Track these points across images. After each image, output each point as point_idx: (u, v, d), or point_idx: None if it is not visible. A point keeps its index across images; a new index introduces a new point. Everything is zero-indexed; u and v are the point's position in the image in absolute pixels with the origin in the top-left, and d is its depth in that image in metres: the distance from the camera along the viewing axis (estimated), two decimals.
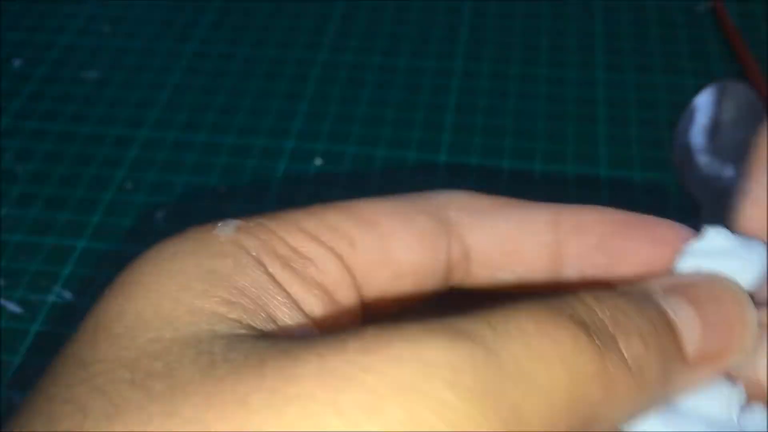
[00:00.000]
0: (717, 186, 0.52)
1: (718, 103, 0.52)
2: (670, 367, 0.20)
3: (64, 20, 0.71)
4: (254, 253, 0.21)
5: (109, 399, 0.17)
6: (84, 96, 0.63)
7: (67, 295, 0.49)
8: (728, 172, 0.52)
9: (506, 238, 0.24)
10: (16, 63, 0.66)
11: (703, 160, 0.52)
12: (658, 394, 0.21)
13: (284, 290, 0.21)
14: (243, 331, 0.19)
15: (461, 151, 0.57)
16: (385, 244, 0.23)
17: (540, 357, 0.18)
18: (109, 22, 0.70)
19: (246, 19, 0.70)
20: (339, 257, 0.22)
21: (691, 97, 0.53)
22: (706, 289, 0.22)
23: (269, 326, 0.20)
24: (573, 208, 0.25)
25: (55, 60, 0.67)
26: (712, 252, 0.23)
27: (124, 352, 0.18)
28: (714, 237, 0.23)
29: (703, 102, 0.53)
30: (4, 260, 0.51)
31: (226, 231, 0.22)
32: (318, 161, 0.57)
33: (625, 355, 0.19)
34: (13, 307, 0.48)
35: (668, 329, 0.21)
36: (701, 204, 0.50)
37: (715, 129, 0.52)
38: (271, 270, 0.21)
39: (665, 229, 0.24)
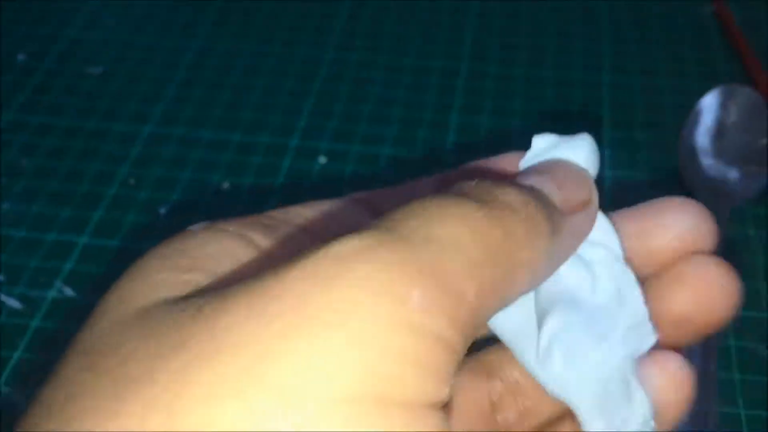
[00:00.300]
0: (721, 188, 0.51)
1: (723, 105, 0.52)
2: (549, 211, 0.23)
3: (69, 14, 0.70)
4: (226, 229, 0.24)
5: (68, 389, 0.19)
6: (88, 91, 0.63)
7: (68, 291, 0.49)
8: (732, 174, 0.52)
9: (401, 191, 0.30)
10: (21, 57, 0.66)
11: (707, 162, 0.52)
12: (553, 239, 0.23)
13: (257, 247, 0.23)
14: (191, 290, 0.21)
15: (467, 151, 0.57)
16: (326, 213, 0.27)
17: (434, 220, 0.20)
18: (114, 17, 0.70)
19: (253, 16, 0.70)
20: (299, 225, 0.25)
21: (695, 99, 0.53)
22: (543, 164, 0.26)
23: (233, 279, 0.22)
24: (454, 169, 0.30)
25: (60, 54, 0.67)
26: (542, 153, 0.27)
27: (83, 342, 0.20)
28: (541, 142, 0.27)
29: (708, 104, 0.52)
30: (6, 255, 0.51)
31: (200, 225, 0.24)
32: (322, 159, 0.57)
33: (506, 200, 0.22)
34: (13, 303, 0.48)
35: (531, 188, 0.24)
36: (705, 205, 0.50)
37: (719, 131, 0.52)
38: (244, 234, 0.24)
39: (508, 157, 0.29)
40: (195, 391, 0.17)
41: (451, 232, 0.20)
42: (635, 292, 0.26)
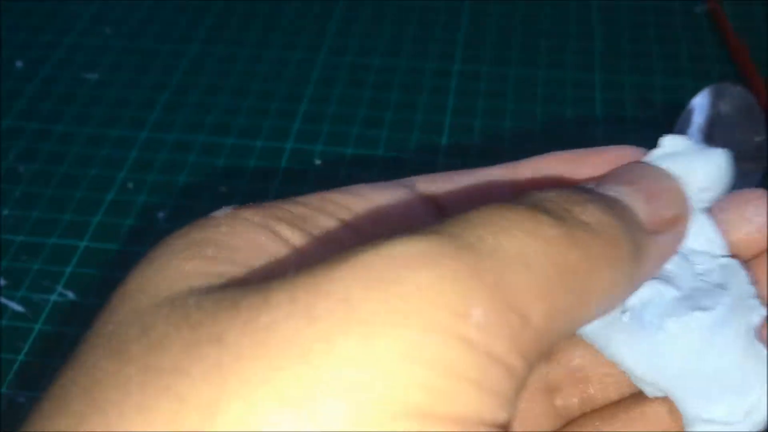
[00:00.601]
0: None
1: (715, 104, 0.53)
2: (633, 231, 0.21)
3: (66, 21, 0.71)
4: (252, 219, 0.22)
5: (90, 376, 0.17)
6: (86, 97, 0.64)
7: (70, 294, 0.49)
8: None
9: (467, 187, 0.27)
10: (19, 64, 0.67)
11: None
12: (635, 262, 0.21)
13: (287, 243, 0.21)
14: (223, 282, 0.19)
15: (459, 153, 0.58)
16: (375, 208, 0.25)
17: (504, 232, 0.18)
18: (110, 24, 0.71)
19: (247, 21, 0.71)
20: (339, 219, 0.23)
21: (688, 98, 0.53)
22: (633, 171, 0.24)
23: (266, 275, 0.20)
24: (528, 159, 0.27)
25: (57, 61, 0.67)
26: (665, 157, 0.24)
27: (102, 329, 0.19)
28: (670, 144, 0.25)
29: (700, 103, 0.53)
30: (7, 260, 0.51)
31: (223, 210, 0.22)
32: (317, 161, 0.57)
33: (585, 219, 0.20)
34: (15, 307, 0.49)
35: (615, 201, 0.22)
36: None
37: (711, 130, 0.53)
38: (271, 227, 0.22)
39: (618, 151, 0.26)
40: (233, 389, 0.16)
41: (521, 247, 0.18)
42: (740, 276, 0.24)
